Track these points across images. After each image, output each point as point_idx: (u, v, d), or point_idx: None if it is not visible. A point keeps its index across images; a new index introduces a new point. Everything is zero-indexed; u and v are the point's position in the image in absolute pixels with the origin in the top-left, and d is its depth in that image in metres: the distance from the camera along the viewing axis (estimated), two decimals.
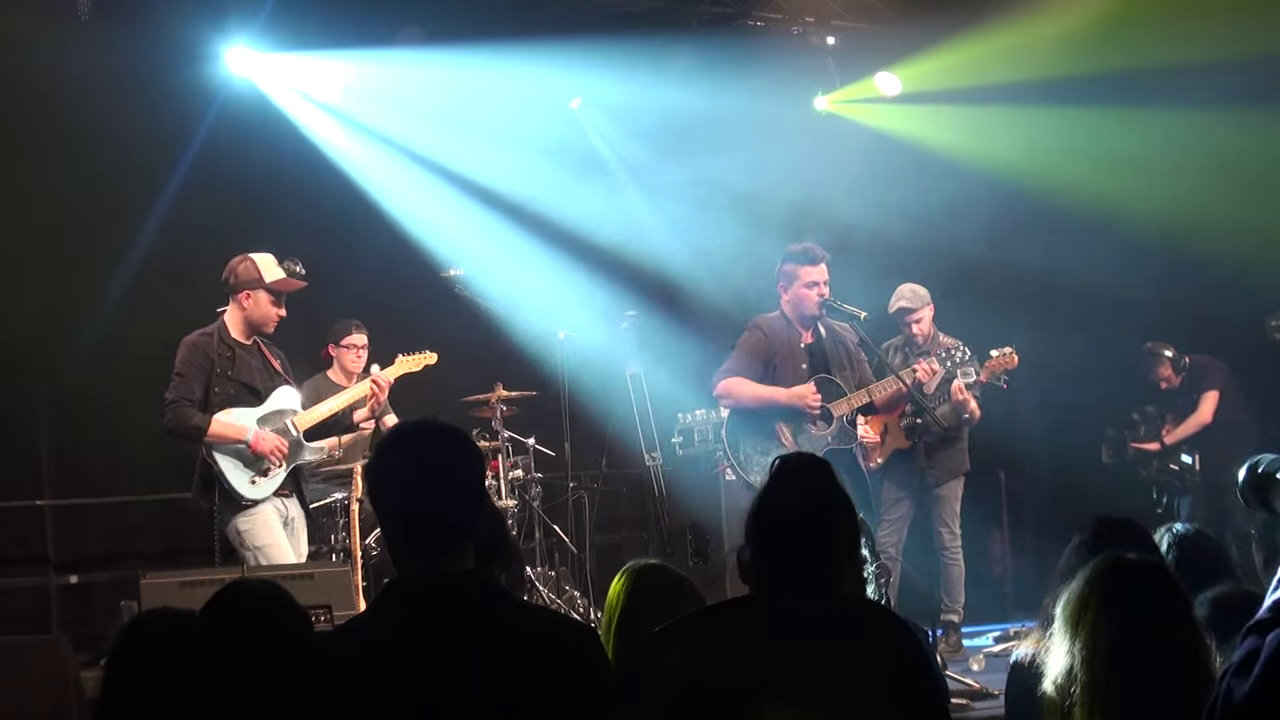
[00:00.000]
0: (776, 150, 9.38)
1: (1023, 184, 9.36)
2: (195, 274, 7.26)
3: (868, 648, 2.72)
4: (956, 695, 6.17)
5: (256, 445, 6.17)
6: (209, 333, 6.31)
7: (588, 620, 7.70)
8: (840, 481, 2.89)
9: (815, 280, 6.54)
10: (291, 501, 6.40)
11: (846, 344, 6.74)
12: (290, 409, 6.41)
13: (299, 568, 6.04)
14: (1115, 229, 9.11)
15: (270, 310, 6.31)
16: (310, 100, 8.67)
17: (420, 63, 8.62)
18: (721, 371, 6.64)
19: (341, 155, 8.76)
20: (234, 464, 6.17)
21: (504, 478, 7.95)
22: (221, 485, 6.13)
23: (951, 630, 7.64)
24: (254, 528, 6.16)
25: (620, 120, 9.67)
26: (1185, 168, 8.89)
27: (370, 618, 2.81)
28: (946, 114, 9.46)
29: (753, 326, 6.73)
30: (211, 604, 2.84)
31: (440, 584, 2.64)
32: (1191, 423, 8.66)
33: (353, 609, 5.69)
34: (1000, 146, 9.33)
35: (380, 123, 8.87)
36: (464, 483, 2.71)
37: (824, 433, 6.47)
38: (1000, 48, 8.81)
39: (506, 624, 2.65)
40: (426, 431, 2.74)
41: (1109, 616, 2.66)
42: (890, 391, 6.65)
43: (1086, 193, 8.99)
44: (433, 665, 2.54)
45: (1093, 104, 8.96)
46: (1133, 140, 9.04)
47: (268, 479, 6.22)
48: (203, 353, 6.23)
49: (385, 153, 8.90)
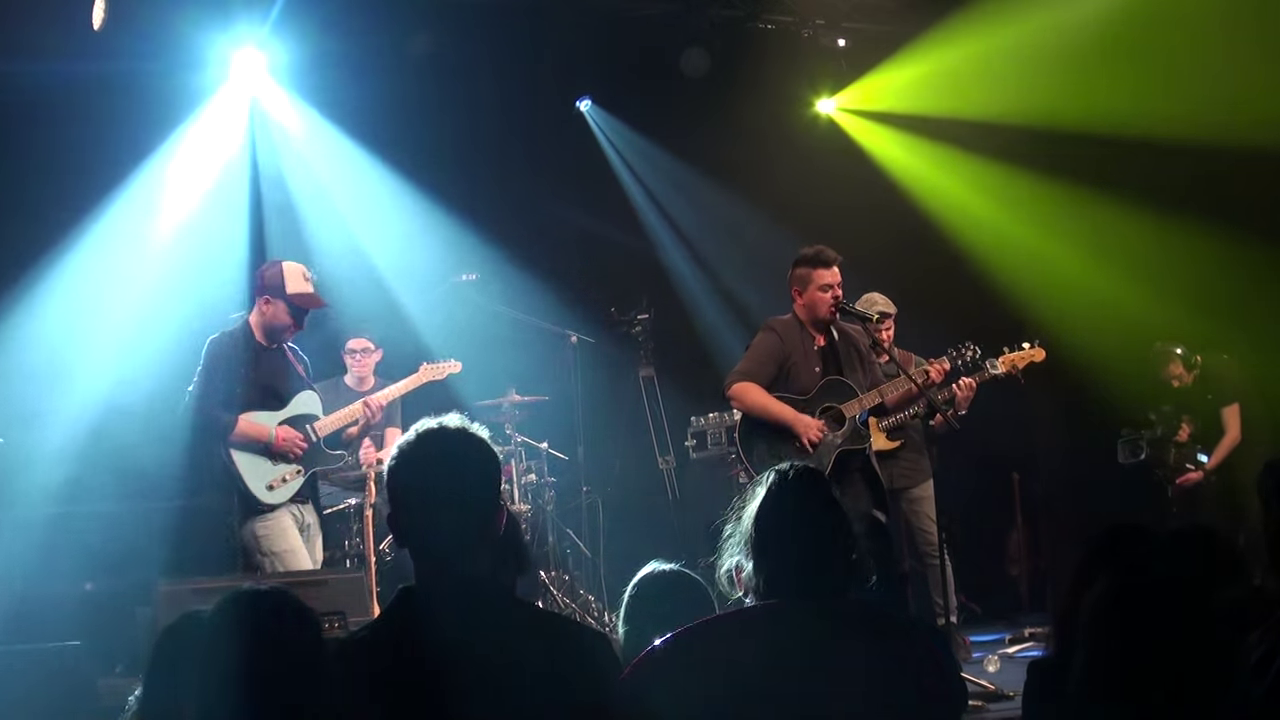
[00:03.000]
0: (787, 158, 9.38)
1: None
2: (202, 277, 7.29)
3: (884, 655, 2.72)
4: (971, 697, 6.15)
5: (279, 444, 6.17)
6: (233, 333, 6.31)
7: (602, 624, 7.71)
8: (836, 493, 2.92)
9: (829, 283, 6.53)
10: (307, 508, 6.38)
11: (859, 346, 6.73)
12: (312, 414, 6.40)
13: (313, 574, 6.03)
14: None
15: (285, 320, 6.28)
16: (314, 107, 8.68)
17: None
18: (735, 374, 6.63)
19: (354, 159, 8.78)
20: (253, 468, 6.15)
21: (517, 482, 7.96)
22: (239, 489, 6.12)
23: (952, 632, 7.62)
24: (271, 533, 6.15)
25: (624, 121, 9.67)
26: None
27: (384, 623, 2.82)
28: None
29: (767, 329, 6.72)
30: (217, 611, 2.84)
31: (455, 589, 2.64)
32: (1225, 445, 8.58)
33: (367, 615, 5.67)
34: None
35: (382, 122, 8.87)
36: (481, 486, 2.72)
37: (836, 434, 6.46)
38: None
39: (520, 629, 2.65)
40: (446, 434, 2.73)
41: (1127, 632, 2.64)
42: (901, 392, 6.63)
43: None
44: (447, 671, 2.54)
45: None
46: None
47: (286, 485, 6.21)
48: (228, 352, 6.21)
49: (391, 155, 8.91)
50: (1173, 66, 8.26)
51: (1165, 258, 8.54)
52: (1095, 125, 8.59)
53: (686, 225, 9.72)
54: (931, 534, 7.59)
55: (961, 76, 9.09)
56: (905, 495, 7.75)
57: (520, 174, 9.18)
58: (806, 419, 6.40)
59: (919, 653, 2.76)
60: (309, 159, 8.59)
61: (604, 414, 8.74)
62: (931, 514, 7.57)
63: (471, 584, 2.67)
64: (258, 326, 6.32)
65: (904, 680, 2.71)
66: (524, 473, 8.10)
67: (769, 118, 9.60)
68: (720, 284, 9.61)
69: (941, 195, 9.53)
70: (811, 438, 6.36)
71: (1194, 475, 8.61)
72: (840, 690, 2.65)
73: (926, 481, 7.66)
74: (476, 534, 2.69)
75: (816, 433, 6.39)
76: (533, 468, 8.25)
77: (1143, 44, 8.34)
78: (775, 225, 9.09)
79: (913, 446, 7.74)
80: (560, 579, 8.22)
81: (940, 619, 7.17)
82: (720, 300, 9.59)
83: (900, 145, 9.81)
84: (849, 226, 8.30)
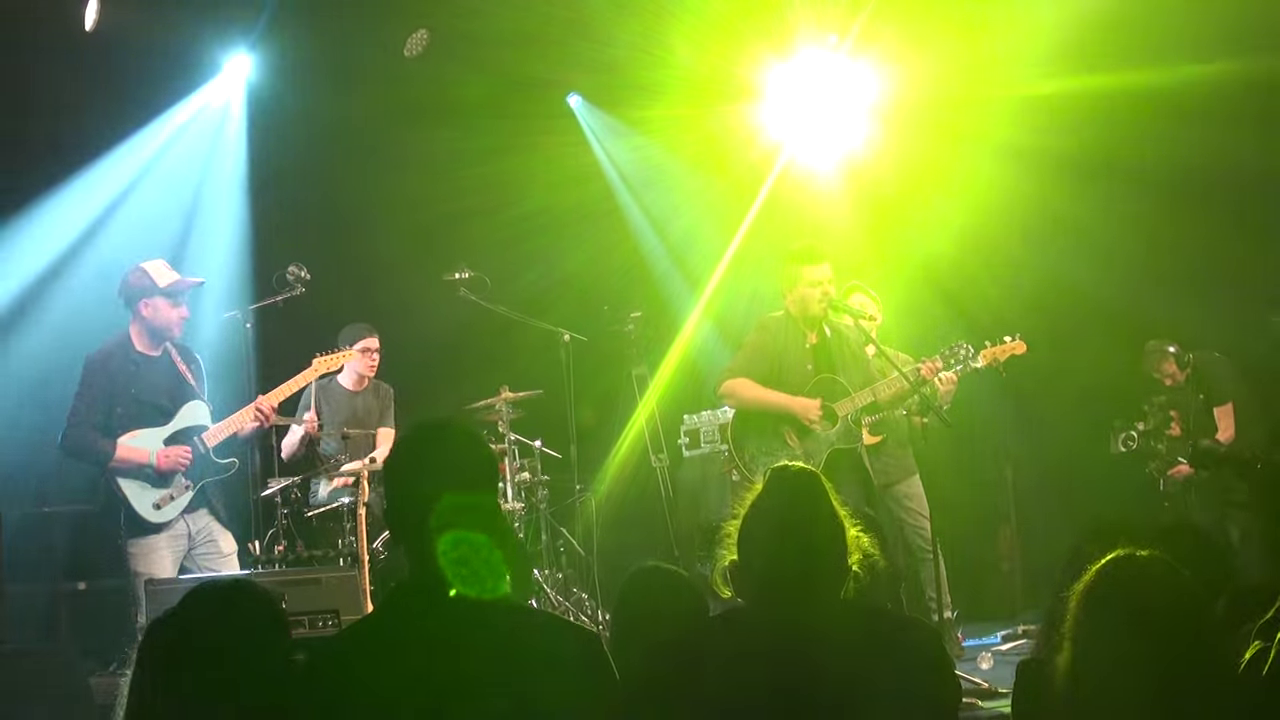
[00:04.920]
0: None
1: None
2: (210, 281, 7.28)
3: (877, 654, 2.73)
4: (965, 695, 6.15)
5: (161, 465, 6.03)
6: (111, 349, 6.18)
7: (596, 623, 7.71)
8: (830, 491, 2.92)
9: (819, 280, 6.54)
10: (197, 514, 6.18)
11: (850, 343, 6.74)
12: (200, 425, 6.21)
13: (306, 572, 6.03)
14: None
15: (171, 314, 6.15)
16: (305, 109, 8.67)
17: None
18: (726, 371, 6.64)
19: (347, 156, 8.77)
20: (138, 489, 6.03)
21: (511, 480, 7.96)
22: (126, 509, 6.00)
23: (947, 628, 7.62)
24: (139, 554, 6.01)
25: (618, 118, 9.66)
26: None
27: (376, 621, 2.82)
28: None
29: (758, 326, 6.74)
30: (176, 609, 2.84)
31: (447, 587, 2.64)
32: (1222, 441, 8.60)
33: (360, 613, 5.63)
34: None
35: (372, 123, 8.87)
36: (478, 483, 2.72)
37: (829, 432, 6.47)
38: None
39: (511, 628, 2.65)
40: (443, 431, 2.74)
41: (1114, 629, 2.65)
42: (894, 390, 6.64)
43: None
44: (437, 669, 2.54)
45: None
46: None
47: (174, 502, 6.06)
48: (105, 370, 6.10)
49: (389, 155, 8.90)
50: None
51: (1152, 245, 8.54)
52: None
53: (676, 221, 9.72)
54: (924, 530, 7.59)
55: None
56: (892, 491, 7.74)
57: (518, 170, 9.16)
58: (804, 400, 6.42)
59: (912, 650, 2.76)
60: (303, 158, 8.58)
61: (597, 412, 8.74)
62: (923, 510, 7.57)
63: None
64: (140, 335, 6.18)
65: (897, 678, 2.71)
66: (517, 471, 8.09)
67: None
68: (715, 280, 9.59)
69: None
70: (812, 416, 6.38)
71: (1184, 469, 8.63)
72: (832, 689, 2.65)
73: (914, 477, 7.66)
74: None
75: (816, 411, 6.40)
76: (526, 466, 8.24)
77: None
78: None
79: (896, 442, 7.73)
80: (554, 577, 8.22)
81: (934, 615, 7.19)
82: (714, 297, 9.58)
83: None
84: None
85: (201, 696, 2.67)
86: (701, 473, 8.79)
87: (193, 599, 2.84)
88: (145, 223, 8.06)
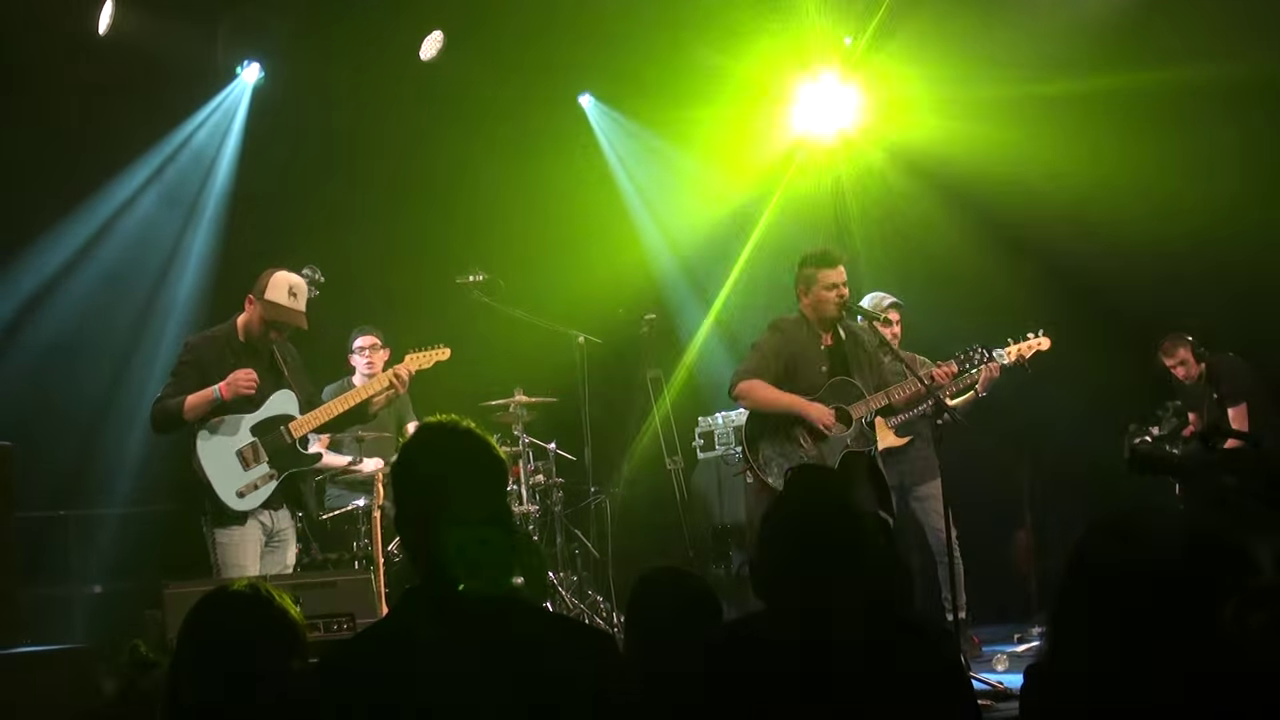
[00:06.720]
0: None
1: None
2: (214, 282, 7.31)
3: (887, 655, 2.72)
4: (979, 697, 6.13)
5: (225, 391, 5.96)
6: (215, 335, 6.24)
7: (610, 625, 7.70)
8: (854, 492, 2.91)
9: (835, 282, 6.52)
10: (280, 513, 6.19)
11: (866, 346, 6.72)
12: (286, 414, 6.21)
13: (320, 576, 6.01)
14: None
15: (258, 326, 6.16)
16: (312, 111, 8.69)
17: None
18: (740, 373, 6.62)
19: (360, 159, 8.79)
20: (223, 475, 6.00)
21: (525, 483, 7.96)
22: (210, 496, 5.98)
23: (962, 629, 7.59)
24: (229, 544, 5.99)
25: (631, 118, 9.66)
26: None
27: (390, 624, 2.82)
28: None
29: (773, 328, 6.72)
30: (190, 614, 2.85)
31: (461, 590, 2.64)
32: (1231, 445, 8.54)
33: (375, 617, 5.61)
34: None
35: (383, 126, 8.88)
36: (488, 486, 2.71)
37: (843, 435, 6.45)
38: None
39: (525, 630, 2.65)
40: (453, 434, 2.73)
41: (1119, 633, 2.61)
42: (909, 393, 6.62)
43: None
44: (452, 671, 2.54)
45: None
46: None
47: (257, 491, 6.04)
48: (201, 355, 6.12)
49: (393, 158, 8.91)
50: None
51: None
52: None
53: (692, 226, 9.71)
54: (941, 531, 7.57)
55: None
56: (914, 492, 7.74)
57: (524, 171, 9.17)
58: (819, 406, 6.40)
59: (926, 652, 2.75)
60: (317, 161, 8.60)
61: (611, 415, 8.73)
62: (940, 511, 7.55)
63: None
64: (242, 326, 6.22)
65: (909, 680, 2.70)
66: (532, 474, 8.10)
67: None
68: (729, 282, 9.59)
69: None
70: (826, 422, 6.37)
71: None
72: (845, 690, 2.64)
73: (935, 479, 7.64)
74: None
75: (830, 417, 6.39)
76: (540, 468, 8.24)
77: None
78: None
79: (922, 443, 7.73)
80: (568, 580, 8.22)
81: (950, 616, 7.18)
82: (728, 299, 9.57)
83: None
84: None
85: (222, 700, 2.67)
86: (716, 475, 8.77)
87: (209, 604, 2.85)
88: (151, 225, 8.09)
